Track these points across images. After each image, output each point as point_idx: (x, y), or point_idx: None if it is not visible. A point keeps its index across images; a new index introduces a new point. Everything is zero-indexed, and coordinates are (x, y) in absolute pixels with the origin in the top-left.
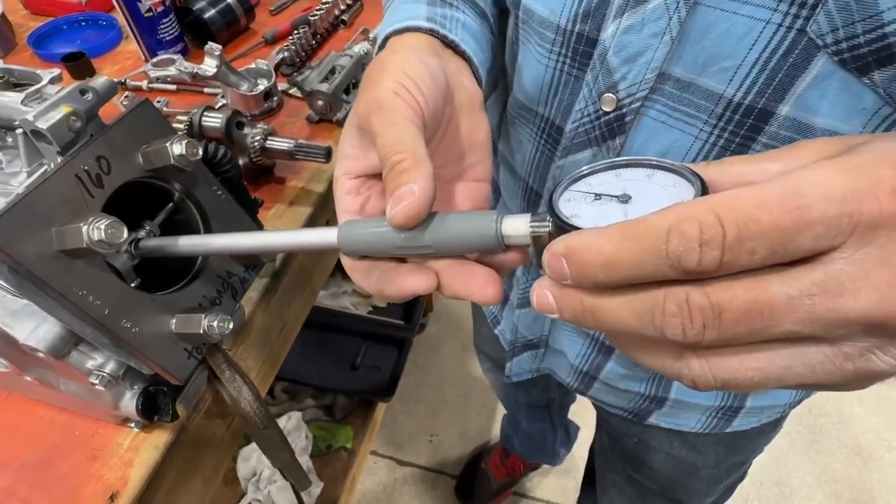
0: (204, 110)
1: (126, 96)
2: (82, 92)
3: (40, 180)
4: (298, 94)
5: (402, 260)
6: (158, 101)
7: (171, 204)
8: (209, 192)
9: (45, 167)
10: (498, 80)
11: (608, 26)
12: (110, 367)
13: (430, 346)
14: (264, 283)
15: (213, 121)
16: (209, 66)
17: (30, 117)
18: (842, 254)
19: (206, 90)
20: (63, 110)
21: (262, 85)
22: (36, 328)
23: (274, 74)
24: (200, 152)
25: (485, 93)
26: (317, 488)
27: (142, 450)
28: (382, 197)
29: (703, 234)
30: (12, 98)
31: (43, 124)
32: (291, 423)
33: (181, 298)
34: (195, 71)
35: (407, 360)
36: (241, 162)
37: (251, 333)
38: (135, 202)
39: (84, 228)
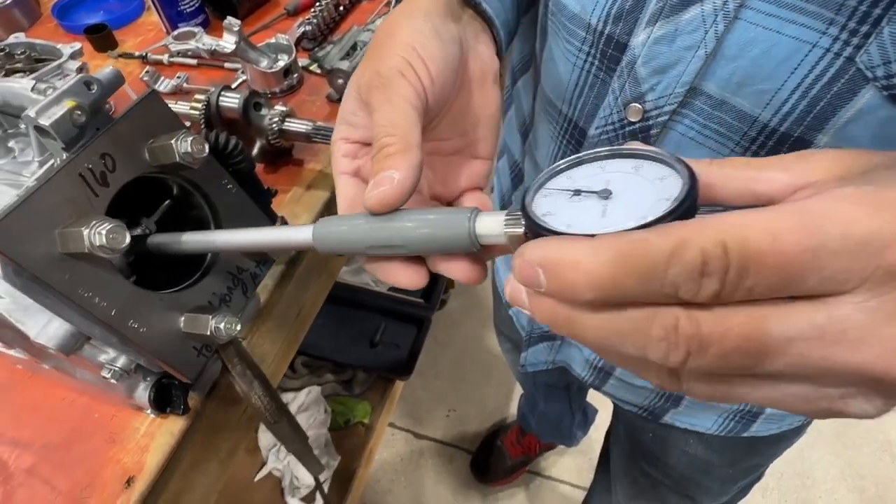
0: (221, 90)
1: (146, 71)
2: (87, 84)
3: (43, 180)
4: (319, 70)
5: None
6: (179, 77)
7: (168, 201)
8: (219, 187)
9: (55, 159)
10: (529, 63)
11: (639, 32)
12: (122, 361)
13: (450, 322)
14: (280, 269)
15: (231, 101)
16: (228, 42)
17: (32, 113)
18: (852, 298)
19: (227, 65)
20: (67, 105)
21: (283, 61)
22: (47, 325)
23: (294, 50)
24: (207, 150)
25: (505, 54)
26: (334, 461)
27: (157, 436)
28: None
29: (706, 265)
30: (23, 85)
31: (46, 121)
32: (311, 397)
33: (191, 296)
34: (214, 48)
35: (426, 337)
36: (258, 143)
37: (267, 320)
38: (142, 194)
39: (85, 233)
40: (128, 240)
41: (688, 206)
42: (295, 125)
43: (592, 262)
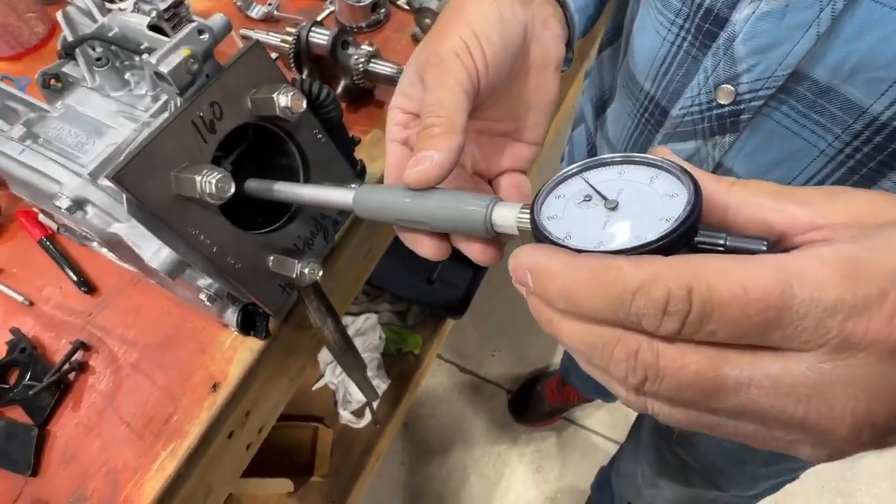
0: (312, 26)
1: None
2: (200, 32)
3: (161, 127)
4: (408, 6)
5: None
6: (270, 4)
7: (244, 144)
8: (310, 136)
9: (167, 97)
10: (618, 34)
11: (743, 7)
12: (216, 286)
13: (506, 266)
14: None
15: (320, 38)
16: None
17: (153, 60)
18: (809, 358)
19: None
20: (182, 53)
21: None
22: (158, 251)
23: None
24: (304, 105)
25: (578, 39)
26: (384, 383)
27: (240, 350)
28: None
29: (669, 305)
30: (139, 21)
31: (164, 68)
32: (368, 323)
33: (279, 238)
34: None
35: (482, 280)
36: (342, 82)
37: (339, 257)
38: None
39: (198, 180)
40: (233, 189)
41: (683, 232)
42: (380, 67)
43: (568, 277)
